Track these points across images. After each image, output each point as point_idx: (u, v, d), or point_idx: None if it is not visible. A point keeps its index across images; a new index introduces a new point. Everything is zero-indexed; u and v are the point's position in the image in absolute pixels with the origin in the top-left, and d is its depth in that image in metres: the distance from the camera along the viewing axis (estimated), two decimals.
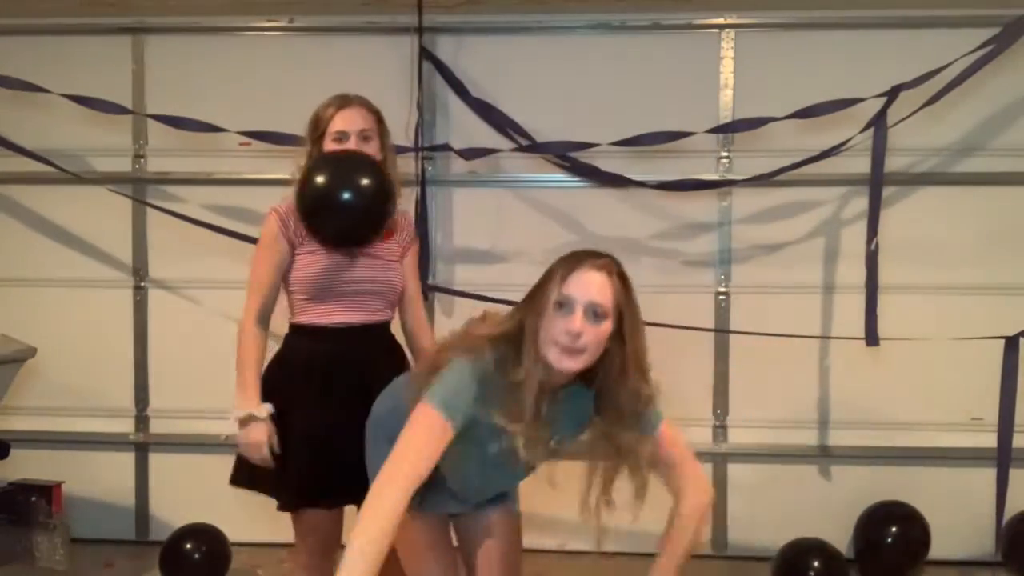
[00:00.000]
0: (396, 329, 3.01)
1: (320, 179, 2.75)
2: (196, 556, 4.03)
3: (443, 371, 2.17)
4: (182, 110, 4.26)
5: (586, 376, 2.22)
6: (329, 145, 2.83)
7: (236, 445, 2.82)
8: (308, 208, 2.77)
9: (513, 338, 2.17)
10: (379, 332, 2.91)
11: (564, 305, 2.12)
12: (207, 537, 4.09)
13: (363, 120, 2.84)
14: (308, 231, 2.80)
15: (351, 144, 2.81)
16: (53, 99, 4.22)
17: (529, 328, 2.15)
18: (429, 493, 2.28)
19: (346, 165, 2.81)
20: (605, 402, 2.23)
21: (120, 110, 4.27)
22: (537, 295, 2.17)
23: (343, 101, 2.86)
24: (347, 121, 2.83)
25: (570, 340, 2.10)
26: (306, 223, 2.78)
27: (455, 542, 2.63)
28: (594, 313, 2.12)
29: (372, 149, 2.84)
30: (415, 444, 2.08)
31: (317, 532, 2.82)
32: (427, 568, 2.52)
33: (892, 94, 3.87)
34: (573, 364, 2.12)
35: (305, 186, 2.77)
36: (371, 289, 2.85)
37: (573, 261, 2.17)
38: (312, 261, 2.82)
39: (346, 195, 2.74)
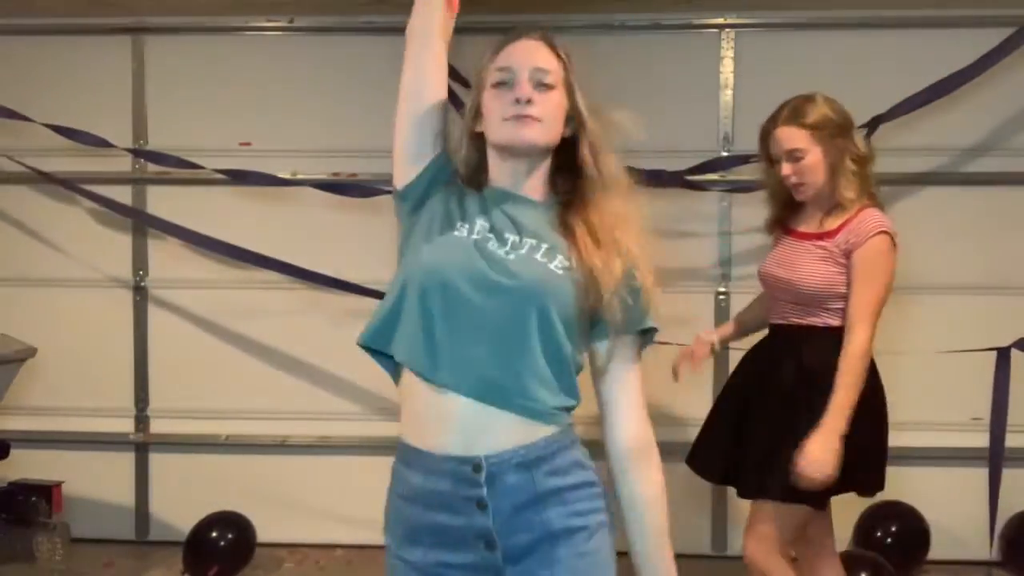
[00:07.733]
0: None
1: None
2: (222, 544, 4.10)
3: None
4: (182, 110, 4.27)
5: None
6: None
7: None
8: None
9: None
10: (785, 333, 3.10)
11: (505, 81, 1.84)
12: (232, 525, 4.18)
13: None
14: None
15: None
16: (52, 99, 4.22)
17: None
18: None
19: None
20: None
21: (101, 143, 4.22)
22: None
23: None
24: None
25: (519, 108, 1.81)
26: None
27: None
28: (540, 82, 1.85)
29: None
30: None
31: None
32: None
33: (872, 126, 3.78)
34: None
35: None
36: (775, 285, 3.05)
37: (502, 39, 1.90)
38: None
39: None
